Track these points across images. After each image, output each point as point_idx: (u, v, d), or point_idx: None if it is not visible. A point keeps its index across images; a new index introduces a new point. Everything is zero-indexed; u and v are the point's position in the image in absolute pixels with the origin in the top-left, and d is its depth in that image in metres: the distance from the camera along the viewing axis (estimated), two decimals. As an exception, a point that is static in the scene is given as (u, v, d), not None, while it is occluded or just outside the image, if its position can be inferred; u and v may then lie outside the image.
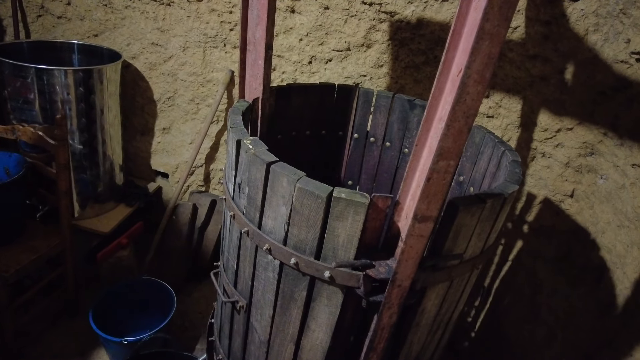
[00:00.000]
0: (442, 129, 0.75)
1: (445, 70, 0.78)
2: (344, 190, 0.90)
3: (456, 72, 0.74)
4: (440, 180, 0.79)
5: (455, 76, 0.74)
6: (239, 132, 1.09)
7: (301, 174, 0.94)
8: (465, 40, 0.72)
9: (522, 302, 2.04)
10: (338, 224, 0.91)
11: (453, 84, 0.75)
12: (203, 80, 2.36)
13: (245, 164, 1.04)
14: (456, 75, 0.74)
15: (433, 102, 0.81)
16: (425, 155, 0.85)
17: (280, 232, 1.00)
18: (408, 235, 0.86)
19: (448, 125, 0.73)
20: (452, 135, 0.74)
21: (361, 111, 1.72)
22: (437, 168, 0.78)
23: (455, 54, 0.75)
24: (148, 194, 2.57)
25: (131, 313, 2.15)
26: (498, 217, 1.06)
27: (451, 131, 0.74)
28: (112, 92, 2.22)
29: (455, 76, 0.75)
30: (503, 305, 2.14)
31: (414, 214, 0.83)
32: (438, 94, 0.80)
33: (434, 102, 0.81)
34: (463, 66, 0.69)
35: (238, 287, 1.22)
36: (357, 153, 1.79)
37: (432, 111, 0.82)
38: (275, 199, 0.98)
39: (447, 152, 0.76)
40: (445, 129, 0.74)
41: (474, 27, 0.67)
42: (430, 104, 0.81)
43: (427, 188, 0.80)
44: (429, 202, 0.82)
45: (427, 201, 0.82)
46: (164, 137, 2.61)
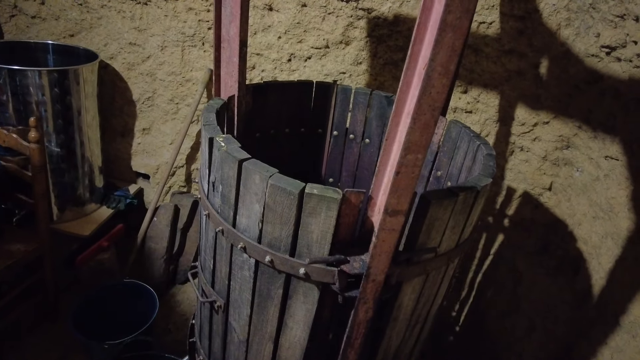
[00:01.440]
0: (408, 122, 0.75)
1: (412, 64, 0.78)
2: (316, 186, 0.90)
3: (422, 65, 0.75)
4: (409, 174, 0.79)
5: (422, 69, 0.75)
6: (211, 130, 1.08)
7: (273, 171, 0.94)
8: (431, 33, 0.72)
9: (504, 295, 2.06)
10: (311, 220, 0.91)
11: (419, 77, 0.75)
12: (182, 79, 2.34)
13: (218, 162, 1.04)
14: (422, 69, 0.74)
15: (401, 96, 0.81)
16: (395, 149, 0.86)
17: (254, 230, 1.00)
18: (380, 229, 0.86)
19: (414, 118, 0.74)
20: (419, 128, 0.74)
21: (340, 108, 1.72)
22: (406, 162, 0.78)
23: (422, 47, 0.76)
24: (129, 195, 2.54)
25: (113, 316, 2.12)
26: (472, 210, 1.07)
27: (417, 124, 0.74)
28: (89, 93, 2.18)
29: (421, 69, 0.75)
30: (486, 299, 2.16)
31: (384, 208, 0.83)
32: (406, 88, 0.80)
33: (402, 97, 0.81)
34: (428, 59, 0.69)
35: (215, 286, 1.21)
36: (337, 150, 1.80)
37: (400, 105, 0.82)
38: (248, 196, 0.97)
39: (415, 146, 0.76)
40: (412, 123, 0.74)
41: (437, 18, 0.67)
42: (399, 98, 0.81)
43: (396, 182, 0.80)
44: (399, 196, 0.82)
45: (397, 195, 0.82)
46: (144, 138, 2.58)
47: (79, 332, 1.82)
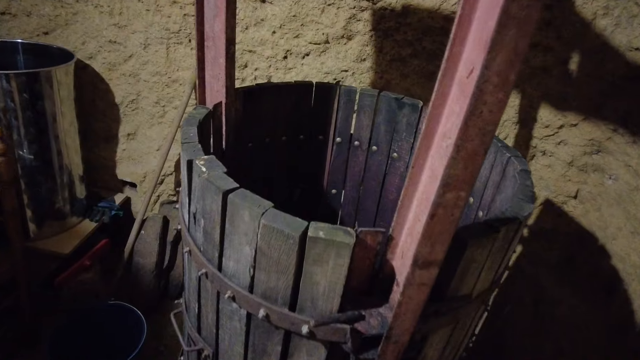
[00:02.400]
0: (449, 151, 0.56)
1: (449, 70, 0.58)
2: (322, 226, 0.70)
3: (465, 72, 0.55)
4: (447, 217, 0.60)
5: (465, 78, 0.55)
6: (191, 150, 0.88)
7: (267, 205, 0.74)
8: (478, 29, 0.53)
9: (524, 313, 1.88)
10: (316, 269, 0.72)
11: (461, 88, 0.56)
12: (168, 80, 2.13)
13: (199, 190, 0.84)
14: (465, 77, 0.55)
15: (434, 112, 0.61)
16: (425, 180, 0.66)
17: (245, 277, 0.80)
18: (406, 284, 0.66)
19: (458, 145, 0.54)
20: (464, 159, 0.55)
21: (343, 112, 1.52)
22: (444, 202, 0.58)
23: (463, 48, 0.56)
24: (114, 207, 2.34)
25: (97, 342, 1.93)
26: (511, 244, 0.88)
27: (462, 154, 0.54)
28: (64, 97, 1.97)
29: (464, 78, 0.55)
30: (503, 315, 1.98)
31: (413, 259, 0.64)
32: (440, 102, 0.60)
33: (435, 113, 0.61)
34: (478, 65, 0.50)
35: (202, 333, 1.02)
36: (340, 159, 1.60)
37: (433, 124, 0.62)
38: (236, 236, 0.78)
39: (457, 181, 0.57)
40: (454, 151, 0.55)
41: (493, 9, 0.47)
42: (431, 114, 0.61)
43: (430, 227, 0.60)
44: (432, 244, 0.63)
45: (430, 243, 0.62)
46: (129, 144, 2.37)
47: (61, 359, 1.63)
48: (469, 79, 0.54)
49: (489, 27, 0.48)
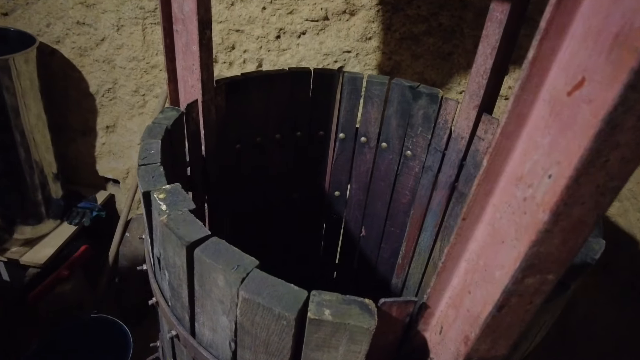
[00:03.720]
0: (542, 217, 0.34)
1: (534, 80, 0.35)
2: (328, 300, 0.49)
3: (566, 84, 0.32)
4: (522, 307, 0.39)
5: (564, 95, 0.33)
6: (149, 177, 0.66)
7: (249, 266, 0.52)
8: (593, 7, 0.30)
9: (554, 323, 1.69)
10: (321, 355, 0.51)
11: (555, 111, 0.33)
12: (146, 65, 1.88)
13: (160, 233, 0.62)
14: (565, 94, 0.32)
15: (503, 142, 0.39)
16: (481, 238, 0.44)
17: (225, 350, 0.60)
18: (451, 385, 0.46)
19: (557, 213, 0.32)
20: (563, 231, 0.33)
21: (348, 104, 1.29)
22: (521, 289, 0.37)
23: (561, 44, 0.33)
24: (95, 207, 2.13)
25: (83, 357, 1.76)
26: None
27: (562, 224, 0.33)
28: (27, 87, 1.73)
29: (562, 94, 0.33)
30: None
31: (466, 355, 0.43)
32: (515, 127, 0.38)
33: (504, 144, 0.39)
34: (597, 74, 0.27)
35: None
36: (344, 157, 1.37)
37: (499, 160, 0.40)
38: (209, 301, 0.57)
39: (547, 262, 0.35)
40: (551, 220, 0.33)
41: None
42: (498, 147, 0.39)
43: (496, 321, 0.39)
44: (495, 340, 0.42)
45: (492, 338, 0.41)
46: (109, 137, 2.14)
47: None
48: (573, 96, 0.31)
49: (610, 16, 0.25)
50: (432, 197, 1.29)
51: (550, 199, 0.33)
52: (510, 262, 0.37)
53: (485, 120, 1.11)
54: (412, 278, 1.47)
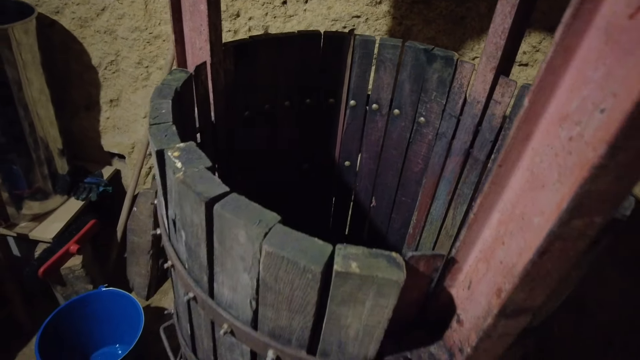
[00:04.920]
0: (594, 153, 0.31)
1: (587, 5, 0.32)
2: (355, 253, 0.47)
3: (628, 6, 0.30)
4: (566, 253, 0.37)
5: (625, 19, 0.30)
6: (161, 135, 0.64)
7: (271, 221, 0.51)
8: None
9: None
10: (346, 310, 0.50)
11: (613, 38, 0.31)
12: (149, 36, 1.83)
13: (175, 193, 0.60)
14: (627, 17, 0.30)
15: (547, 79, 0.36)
16: (517, 186, 0.42)
17: (245, 310, 0.59)
18: (483, 337, 0.44)
19: (615, 147, 0.30)
20: (618, 166, 0.31)
21: (359, 69, 1.25)
22: (566, 232, 0.35)
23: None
24: (101, 182, 2.11)
25: (95, 329, 1.78)
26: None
27: (618, 158, 0.30)
28: (28, 60, 1.70)
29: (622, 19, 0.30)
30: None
31: (500, 308, 0.41)
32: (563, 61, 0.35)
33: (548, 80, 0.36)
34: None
35: (198, 355, 0.82)
36: (355, 125, 1.35)
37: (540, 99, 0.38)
38: (229, 259, 0.55)
39: (597, 202, 0.33)
40: (607, 154, 0.30)
41: None
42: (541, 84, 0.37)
43: (536, 267, 0.37)
44: (532, 288, 0.40)
45: (530, 287, 0.40)
46: (113, 111, 2.11)
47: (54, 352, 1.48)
48: (636, 21, 0.29)
49: None
50: (446, 165, 1.27)
51: (604, 134, 0.30)
52: (553, 207, 0.35)
53: (502, 83, 1.07)
54: (423, 248, 1.46)
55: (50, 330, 1.59)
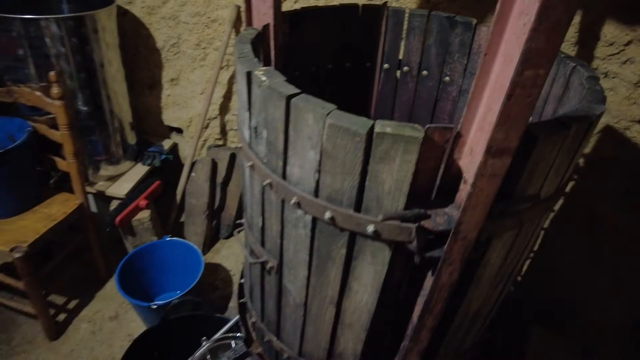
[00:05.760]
0: (530, 23, 0.53)
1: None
2: (388, 123, 0.70)
3: None
4: (524, 98, 0.58)
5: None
6: (248, 63, 0.89)
7: (330, 107, 0.74)
8: None
9: (579, 244, 1.84)
10: (383, 167, 0.72)
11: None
12: (207, 20, 2.11)
13: (259, 102, 0.85)
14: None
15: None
16: (497, 67, 0.63)
17: (309, 182, 0.82)
18: (478, 174, 0.66)
19: (541, 14, 0.51)
20: (546, 30, 0.52)
21: (392, 36, 1.47)
22: (522, 81, 0.56)
23: None
24: (163, 151, 2.42)
25: (158, 275, 2.07)
26: (580, 146, 0.85)
27: (544, 24, 0.52)
28: (109, 42, 2.01)
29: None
30: (556, 248, 1.94)
31: (487, 147, 0.63)
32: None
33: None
34: None
35: (266, 245, 1.07)
36: (388, 86, 1.56)
37: (507, 4, 0.59)
38: (300, 141, 0.79)
39: (537, 57, 0.54)
40: (536, 22, 0.52)
41: None
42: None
43: (506, 109, 0.59)
44: (507, 129, 0.61)
45: (505, 128, 0.61)
46: (173, 89, 2.41)
47: (126, 291, 1.77)
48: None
49: None
50: (467, 117, 1.46)
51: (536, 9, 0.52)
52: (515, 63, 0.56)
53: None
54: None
55: (123, 271, 1.87)
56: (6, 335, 1.96)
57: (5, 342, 1.93)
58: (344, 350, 1.07)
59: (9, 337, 1.95)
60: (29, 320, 2.00)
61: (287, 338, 1.19)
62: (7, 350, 1.90)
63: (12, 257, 1.67)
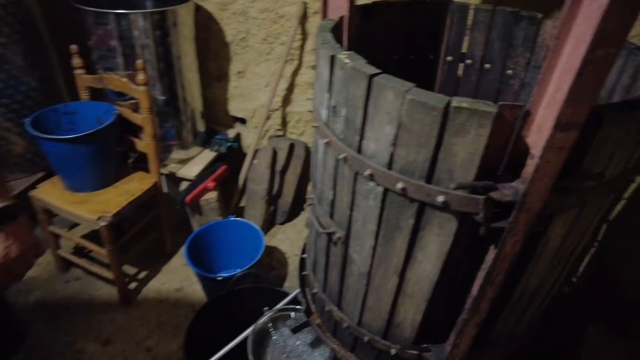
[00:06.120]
0: (603, 6, 0.59)
1: None
2: (464, 99, 0.77)
3: None
4: (594, 76, 0.64)
5: None
6: (331, 48, 0.99)
7: (410, 85, 0.82)
8: None
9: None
10: (457, 140, 0.80)
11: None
12: (275, 16, 2.25)
13: (341, 83, 0.94)
14: None
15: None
16: (568, 49, 0.69)
17: (383, 155, 0.91)
18: (546, 147, 0.72)
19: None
20: (619, 9, 0.58)
21: (456, 30, 1.53)
22: (593, 59, 0.62)
23: None
24: (229, 139, 2.59)
25: (221, 252, 2.23)
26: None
27: (618, 3, 0.57)
28: (186, 35, 2.19)
29: None
30: (616, 246, 1.92)
31: (556, 121, 0.69)
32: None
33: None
34: None
35: (335, 217, 1.16)
36: (450, 78, 1.62)
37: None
38: (378, 117, 0.88)
39: (610, 36, 0.60)
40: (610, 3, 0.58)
41: None
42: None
43: (577, 86, 0.65)
44: (576, 105, 0.67)
45: (573, 103, 0.67)
46: (240, 82, 2.58)
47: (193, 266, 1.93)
48: None
49: None
50: (528, 109, 1.50)
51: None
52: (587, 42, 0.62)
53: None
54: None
55: (190, 246, 2.04)
56: (88, 296, 2.18)
57: (87, 302, 2.15)
58: (402, 320, 1.15)
59: (90, 298, 2.17)
60: (106, 285, 2.22)
61: (347, 308, 1.29)
62: (88, 309, 2.12)
63: (99, 225, 1.87)
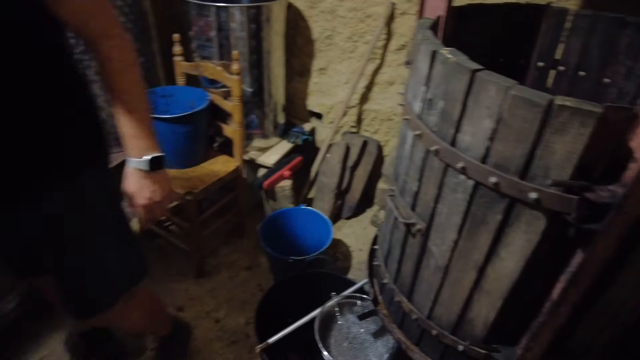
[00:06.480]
0: None
1: None
2: (567, 97, 0.79)
3: None
4: None
5: None
6: (433, 43, 1.03)
7: (513, 81, 0.85)
8: None
9: None
10: (557, 138, 0.81)
11: None
12: (362, 15, 2.32)
13: (440, 77, 0.99)
14: None
15: None
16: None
17: (479, 149, 0.94)
18: (653, 150, 0.72)
19: None
20: None
21: (551, 35, 1.50)
22: None
23: None
24: (305, 132, 2.70)
25: (290, 237, 2.34)
26: None
27: None
28: (277, 30, 2.32)
29: None
30: None
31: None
32: None
33: None
34: None
35: (417, 209, 1.20)
36: (540, 85, 1.60)
37: None
38: (477, 111, 0.91)
39: None
40: None
41: None
42: None
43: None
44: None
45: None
46: (320, 78, 2.67)
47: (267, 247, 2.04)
48: None
49: None
50: (624, 120, 1.44)
51: None
52: None
53: None
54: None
55: (263, 229, 2.16)
56: (166, 265, 2.38)
57: (165, 270, 2.35)
58: (475, 316, 1.17)
59: (167, 267, 2.37)
60: (182, 257, 2.40)
61: (418, 300, 1.32)
62: (166, 277, 2.31)
63: (186, 199, 2.04)
